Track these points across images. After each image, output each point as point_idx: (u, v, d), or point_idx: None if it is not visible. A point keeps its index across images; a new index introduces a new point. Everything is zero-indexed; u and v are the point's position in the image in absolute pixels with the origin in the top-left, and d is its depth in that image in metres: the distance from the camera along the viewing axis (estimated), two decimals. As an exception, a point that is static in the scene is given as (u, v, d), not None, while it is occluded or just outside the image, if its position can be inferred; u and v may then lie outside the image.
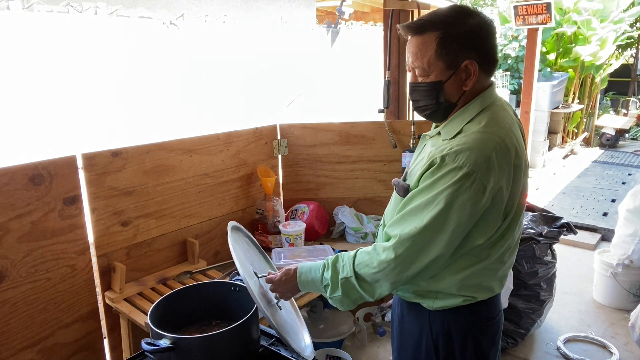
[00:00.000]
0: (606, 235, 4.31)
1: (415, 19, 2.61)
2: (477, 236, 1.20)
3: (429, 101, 1.24)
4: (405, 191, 1.24)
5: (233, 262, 1.33)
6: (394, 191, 1.33)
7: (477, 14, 1.20)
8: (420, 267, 1.19)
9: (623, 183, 6.01)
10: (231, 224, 1.45)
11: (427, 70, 1.21)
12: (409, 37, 1.23)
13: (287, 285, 1.34)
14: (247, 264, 1.40)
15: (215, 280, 1.71)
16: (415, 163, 1.33)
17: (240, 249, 1.41)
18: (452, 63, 1.19)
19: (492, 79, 1.29)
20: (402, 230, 1.18)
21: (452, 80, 1.20)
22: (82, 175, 1.78)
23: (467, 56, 1.18)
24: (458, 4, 1.21)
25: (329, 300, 1.30)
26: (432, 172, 1.16)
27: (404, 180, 1.30)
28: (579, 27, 7.45)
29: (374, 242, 2.63)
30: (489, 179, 1.13)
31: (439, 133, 1.28)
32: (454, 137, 1.20)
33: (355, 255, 1.26)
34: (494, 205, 1.16)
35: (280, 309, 1.42)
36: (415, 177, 1.22)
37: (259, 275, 1.40)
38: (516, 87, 9.11)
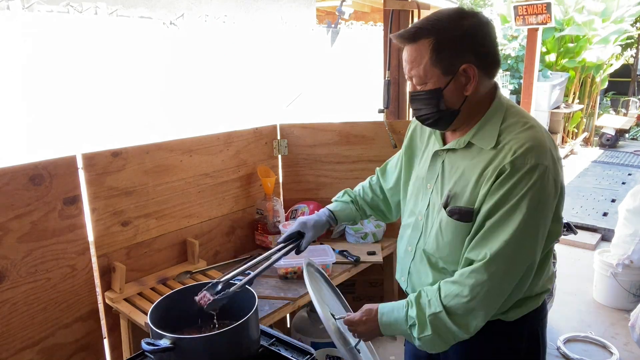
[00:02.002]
0: (606, 235, 4.31)
1: (414, 19, 2.61)
2: (552, 228, 1.17)
3: (429, 110, 1.20)
4: (469, 214, 1.16)
5: (233, 262, 1.32)
6: (441, 222, 1.23)
7: (472, 15, 1.16)
8: (514, 283, 1.13)
9: (623, 183, 6.01)
10: (306, 259, 1.39)
11: (423, 78, 1.17)
12: (404, 46, 1.21)
13: (367, 326, 1.23)
14: (324, 304, 1.30)
15: (215, 280, 1.71)
16: (450, 183, 1.23)
17: (314, 287, 1.31)
18: (449, 69, 1.15)
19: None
20: (490, 249, 1.10)
21: (452, 86, 1.16)
22: (82, 175, 1.78)
23: (465, 60, 1.14)
24: (453, 7, 1.18)
25: (417, 343, 1.18)
26: (503, 181, 1.10)
27: (448, 205, 1.21)
28: (580, 27, 7.45)
29: (373, 242, 2.63)
30: (557, 172, 1.12)
31: (468, 144, 1.21)
32: (499, 142, 1.15)
33: (439, 288, 1.17)
34: (559, 195, 1.17)
35: (359, 353, 1.29)
36: (480, 195, 1.14)
37: (337, 317, 1.29)
38: (516, 87, 9.11)
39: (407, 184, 1.45)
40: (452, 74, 1.15)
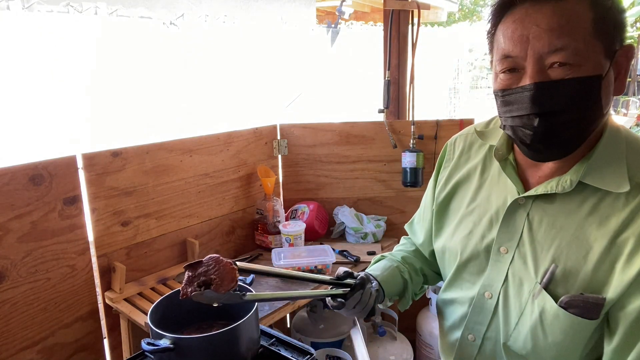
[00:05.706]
0: (606, 235, 4.30)
1: (415, 19, 2.60)
2: None
3: (581, 112, 0.74)
4: (598, 308, 0.75)
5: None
6: (544, 313, 0.81)
7: None
8: None
9: (623, 183, 6.01)
10: (355, 328, 1.20)
11: (583, 52, 0.72)
12: (533, 7, 0.75)
13: None
14: None
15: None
16: (551, 249, 0.81)
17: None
18: (609, 47, 0.75)
19: None
20: None
21: (609, 76, 0.75)
22: (82, 175, 1.78)
23: (623, 39, 0.76)
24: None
25: None
26: None
27: (550, 285, 0.80)
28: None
29: (373, 242, 2.61)
30: None
31: (578, 185, 0.79)
32: (636, 183, 0.76)
33: None
34: None
35: None
36: (625, 279, 0.73)
37: None
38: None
39: (449, 239, 1.02)
40: (612, 56, 0.75)
